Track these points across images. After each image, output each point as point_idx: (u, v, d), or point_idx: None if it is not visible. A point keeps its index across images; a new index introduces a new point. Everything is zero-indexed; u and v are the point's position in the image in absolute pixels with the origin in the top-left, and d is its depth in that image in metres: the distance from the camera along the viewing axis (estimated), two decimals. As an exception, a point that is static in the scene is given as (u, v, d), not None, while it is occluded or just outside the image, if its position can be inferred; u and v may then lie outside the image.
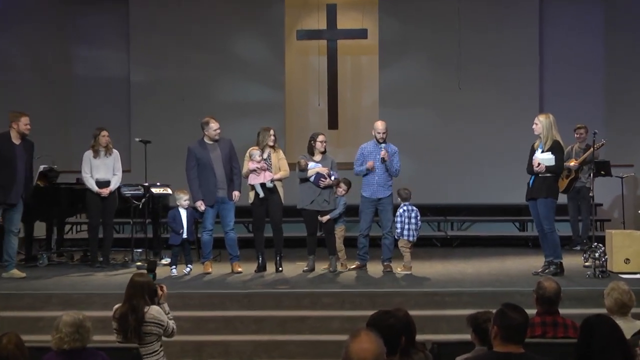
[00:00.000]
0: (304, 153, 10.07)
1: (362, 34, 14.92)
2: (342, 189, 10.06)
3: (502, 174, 13.95)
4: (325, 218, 9.85)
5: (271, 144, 9.86)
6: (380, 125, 9.89)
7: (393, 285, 8.84)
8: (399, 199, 9.76)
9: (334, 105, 15.01)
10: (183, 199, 9.79)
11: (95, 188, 10.38)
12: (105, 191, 10.39)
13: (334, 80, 15.00)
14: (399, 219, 9.68)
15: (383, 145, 9.81)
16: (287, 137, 14.65)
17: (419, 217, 9.74)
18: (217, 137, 9.84)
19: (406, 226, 9.65)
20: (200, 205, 9.72)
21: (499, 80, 14.49)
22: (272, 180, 9.73)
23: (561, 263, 9.15)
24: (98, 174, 10.46)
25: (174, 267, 9.75)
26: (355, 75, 15.61)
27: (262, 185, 9.70)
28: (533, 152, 9.16)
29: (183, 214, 9.77)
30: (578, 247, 11.52)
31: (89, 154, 10.51)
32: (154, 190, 11.06)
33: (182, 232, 9.72)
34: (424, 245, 12.28)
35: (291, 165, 10.13)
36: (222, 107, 14.22)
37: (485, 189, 14.20)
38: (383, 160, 9.75)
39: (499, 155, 14.20)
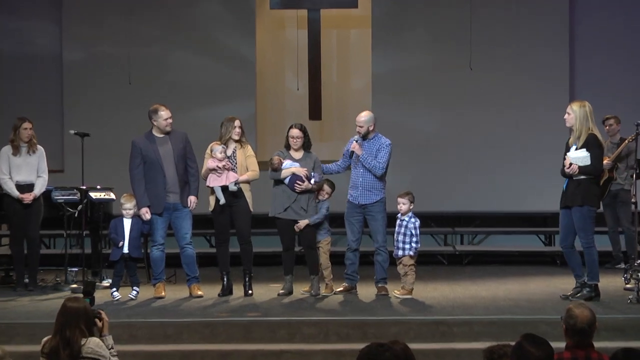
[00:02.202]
0: (279, 149, 10.03)
1: (351, 2, 14.92)
2: (325, 192, 10.03)
3: (524, 175, 14.00)
4: (302, 224, 9.80)
5: (236, 137, 9.83)
6: (359, 116, 9.93)
7: (389, 312, 8.84)
8: (401, 207, 9.64)
9: (317, 91, 15.00)
10: (125, 207, 9.74)
11: (15, 193, 10.32)
12: (28, 197, 10.33)
13: (316, 60, 14.99)
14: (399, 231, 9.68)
15: (356, 138, 9.85)
16: (258, 130, 14.64)
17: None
18: (168, 129, 9.80)
19: (406, 238, 9.62)
20: (145, 213, 9.68)
21: (520, 62, 14.50)
22: (237, 183, 9.69)
23: (597, 285, 9.17)
24: (19, 176, 10.39)
25: (115, 289, 9.71)
26: (342, 53, 15.61)
27: (224, 188, 9.67)
28: (568, 149, 9.16)
29: (127, 223, 9.73)
30: (622, 265, 11.50)
31: (7, 150, 10.44)
32: (93, 195, 10.99)
33: (122, 245, 9.68)
34: (427, 263, 12.30)
35: (262, 165, 10.10)
36: (178, 91, 14.19)
37: (503, 193, 14.22)
38: (352, 155, 9.82)
39: (521, 152, 14.25)
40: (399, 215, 9.69)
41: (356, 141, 9.82)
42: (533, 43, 14.49)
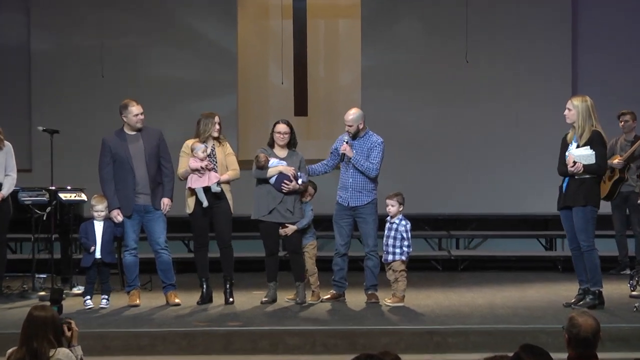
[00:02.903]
0: (262, 147, 9.99)
1: (339, -10, 14.99)
2: (308, 193, 10.02)
3: (524, 176, 14.02)
4: (290, 229, 9.81)
5: (215, 134, 9.79)
6: (347, 114, 9.90)
7: (379, 321, 8.83)
8: (390, 209, 9.64)
9: (302, 85, 15.02)
10: (97, 209, 9.71)
11: (-19, 194, 10.29)
12: (-5, 197, 10.31)
13: (302, 52, 15.00)
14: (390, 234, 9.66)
15: (346, 138, 9.83)
16: (240, 127, 14.61)
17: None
18: (138, 125, 9.76)
19: (397, 242, 9.62)
20: (117, 216, 9.67)
21: (519, 55, 14.52)
22: (218, 183, 9.68)
23: (601, 292, 9.17)
24: (-15, 175, 10.37)
25: (88, 297, 9.69)
26: (330, 45, 15.61)
27: (206, 190, 9.64)
28: (566, 146, 9.15)
29: (98, 227, 9.70)
30: (627, 271, 11.53)
31: (-28, 148, 10.42)
32: (63, 196, 10.97)
33: (94, 250, 9.65)
34: (420, 269, 12.31)
35: (243, 164, 10.07)
36: (153, 86, 14.18)
37: (501, 194, 14.24)
38: (343, 157, 9.80)
39: (520, 151, 14.27)
40: (388, 218, 9.68)
41: (346, 142, 9.79)
42: (533, 34, 14.50)
